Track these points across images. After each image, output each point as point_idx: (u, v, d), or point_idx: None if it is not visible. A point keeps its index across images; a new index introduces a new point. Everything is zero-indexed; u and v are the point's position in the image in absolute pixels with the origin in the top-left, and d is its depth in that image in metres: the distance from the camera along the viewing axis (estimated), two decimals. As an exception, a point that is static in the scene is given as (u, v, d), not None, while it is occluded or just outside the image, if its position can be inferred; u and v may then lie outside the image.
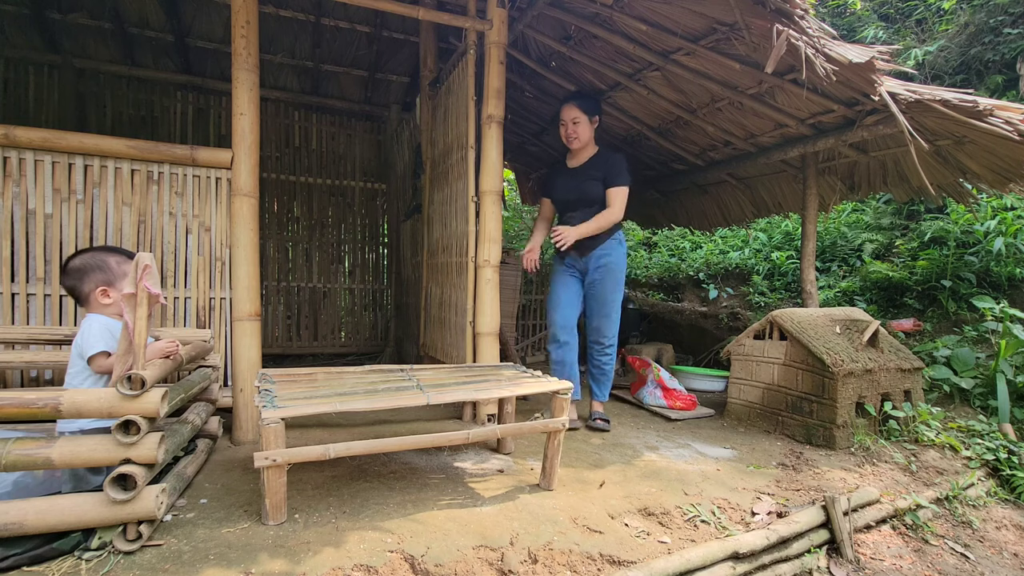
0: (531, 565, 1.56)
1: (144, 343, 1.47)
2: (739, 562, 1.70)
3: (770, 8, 2.16)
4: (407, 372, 2.23)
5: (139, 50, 4.47)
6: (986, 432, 2.73)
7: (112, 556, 1.42)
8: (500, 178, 2.90)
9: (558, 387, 2.05)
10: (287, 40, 4.66)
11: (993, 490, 2.44)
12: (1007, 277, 3.76)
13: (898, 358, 2.88)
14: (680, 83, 3.42)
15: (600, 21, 3.18)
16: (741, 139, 3.73)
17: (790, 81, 2.90)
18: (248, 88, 2.43)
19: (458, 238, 3.05)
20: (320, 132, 5.31)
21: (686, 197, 5.09)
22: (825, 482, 2.28)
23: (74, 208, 2.28)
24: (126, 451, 1.42)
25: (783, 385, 2.94)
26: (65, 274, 1.74)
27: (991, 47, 5.39)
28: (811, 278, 3.49)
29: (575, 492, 2.05)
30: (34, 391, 1.42)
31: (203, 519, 1.67)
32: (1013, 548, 2.12)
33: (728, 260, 6.09)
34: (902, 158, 3.28)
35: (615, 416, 3.26)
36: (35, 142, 2.19)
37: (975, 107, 2.33)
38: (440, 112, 3.52)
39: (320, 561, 1.46)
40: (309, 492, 1.91)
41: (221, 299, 2.53)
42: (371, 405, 1.75)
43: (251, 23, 2.43)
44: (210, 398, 2.27)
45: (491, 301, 2.86)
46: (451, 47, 3.90)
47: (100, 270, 1.73)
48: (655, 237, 7.92)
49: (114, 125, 4.44)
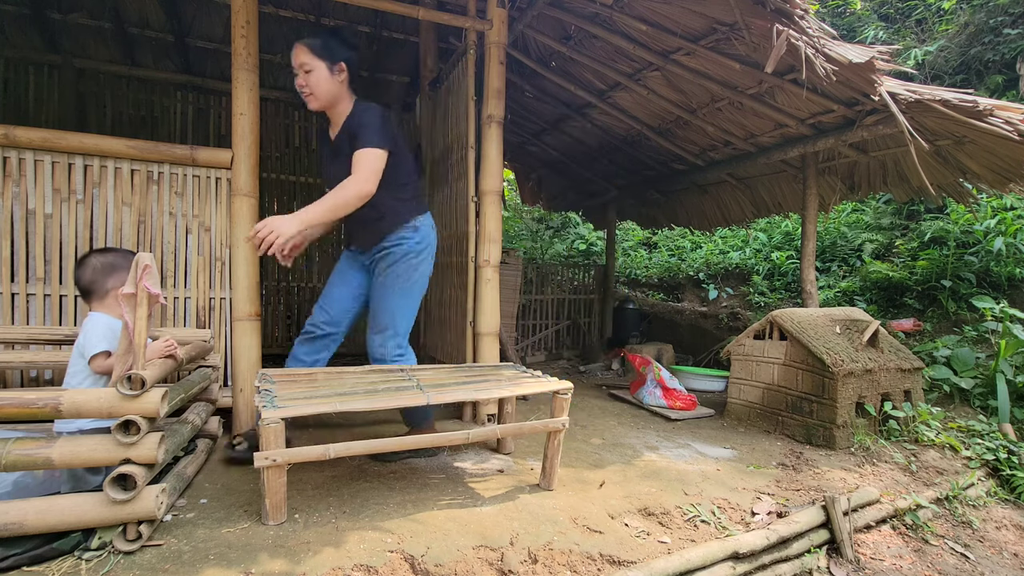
0: (531, 565, 1.56)
1: (144, 343, 1.47)
2: (739, 562, 1.70)
3: (770, 8, 2.16)
4: (407, 372, 2.23)
5: (139, 50, 4.47)
6: (986, 432, 2.73)
7: (112, 556, 1.42)
8: (500, 178, 2.90)
9: (558, 387, 2.05)
10: (287, 40, 4.66)
11: (993, 490, 2.44)
12: (1007, 277, 3.76)
13: (898, 358, 2.88)
14: (680, 83, 3.42)
15: (600, 21, 3.18)
16: (741, 139, 3.73)
17: (790, 81, 2.90)
18: (248, 88, 2.43)
19: (458, 238, 3.05)
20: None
21: (686, 197, 5.09)
22: (825, 482, 2.28)
23: (74, 208, 2.28)
24: (126, 451, 1.42)
25: (783, 385, 2.94)
26: (87, 268, 1.73)
27: (991, 47, 5.39)
28: (811, 278, 3.49)
29: (575, 492, 2.05)
30: (34, 391, 1.42)
31: (203, 519, 1.67)
32: (1013, 548, 2.12)
33: (728, 260, 6.10)
34: (902, 158, 3.28)
35: (615, 416, 3.26)
36: (35, 142, 2.19)
37: (975, 107, 2.33)
38: (440, 112, 3.52)
39: (320, 561, 1.46)
40: (309, 492, 1.91)
41: (221, 299, 2.53)
42: (371, 405, 1.75)
43: (251, 23, 2.43)
44: (210, 398, 2.27)
45: (491, 301, 2.86)
46: (451, 47, 3.90)
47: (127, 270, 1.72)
48: (655, 237, 7.93)
49: (114, 125, 4.43)
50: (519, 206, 9.01)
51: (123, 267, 1.73)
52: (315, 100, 2.18)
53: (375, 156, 2.10)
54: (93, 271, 1.73)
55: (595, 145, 4.97)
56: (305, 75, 2.14)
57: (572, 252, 7.98)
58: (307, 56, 2.12)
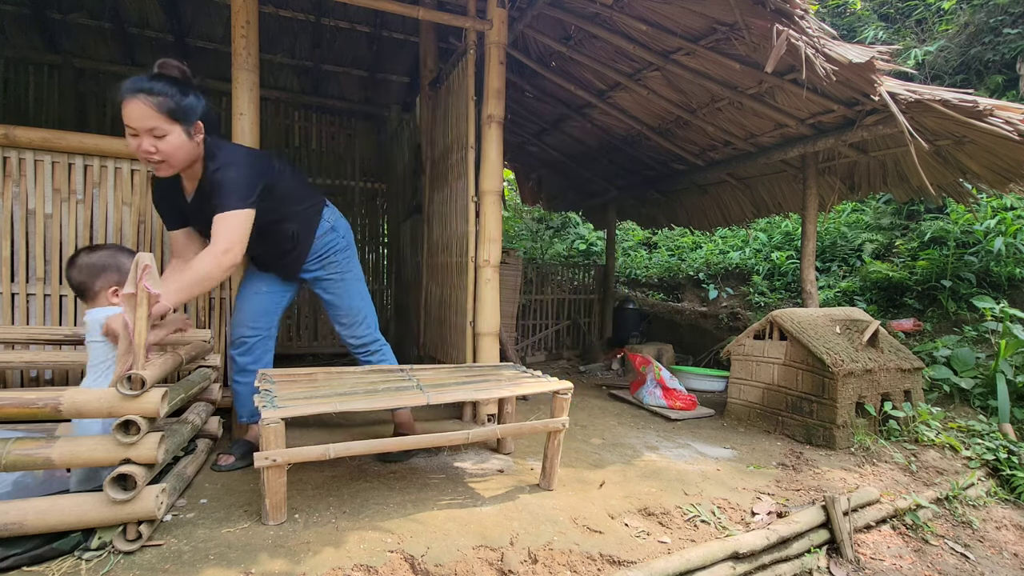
0: (531, 565, 1.56)
1: (144, 343, 1.47)
2: (739, 562, 1.70)
3: (770, 8, 2.16)
4: (407, 372, 2.23)
5: (139, 50, 4.48)
6: (986, 432, 2.73)
7: (112, 556, 1.42)
8: (500, 178, 2.90)
9: (558, 387, 2.05)
10: (287, 40, 4.66)
11: (993, 490, 2.44)
12: (1007, 277, 3.76)
13: (898, 358, 2.88)
14: (680, 83, 3.42)
15: (600, 21, 3.18)
16: (741, 139, 3.73)
17: (790, 81, 2.90)
18: (248, 88, 2.43)
19: (458, 238, 3.05)
20: (320, 132, 5.31)
21: (686, 197, 5.09)
22: (825, 482, 2.28)
23: (74, 208, 2.28)
24: (126, 451, 1.42)
25: (783, 385, 2.94)
26: (75, 269, 1.71)
27: (991, 47, 5.39)
28: (811, 278, 3.49)
29: (575, 492, 2.05)
30: (34, 391, 1.42)
31: (203, 519, 1.67)
32: (1013, 548, 2.12)
33: (728, 260, 6.10)
34: (902, 158, 3.28)
35: (615, 416, 3.26)
36: (35, 142, 2.19)
37: (975, 107, 2.33)
38: (440, 112, 3.52)
39: (320, 561, 1.46)
40: (309, 492, 1.91)
41: (221, 299, 2.53)
42: (371, 405, 1.75)
43: (251, 23, 2.43)
44: (210, 398, 2.27)
45: (491, 301, 2.86)
46: (451, 47, 3.90)
47: (115, 270, 1.71)
48: (655, 237, 7.93)
49: (114, 125, 4.43)
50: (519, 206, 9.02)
51: (111, 267, 1.71)
52: (168, 168, 1.78)
53: (237, 220, 1.79)
54: (79, 272, 1.71)
55: (595, 145, 4.98)
56: (154, 140, 1.70)
57: (572, 252, 7.99)
58: (157, 119, 1.68)
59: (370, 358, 2.39)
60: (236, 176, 1.83)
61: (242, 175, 1.84)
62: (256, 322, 2.20)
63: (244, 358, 2.20)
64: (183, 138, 1.75)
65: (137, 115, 1.68)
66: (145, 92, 1.67)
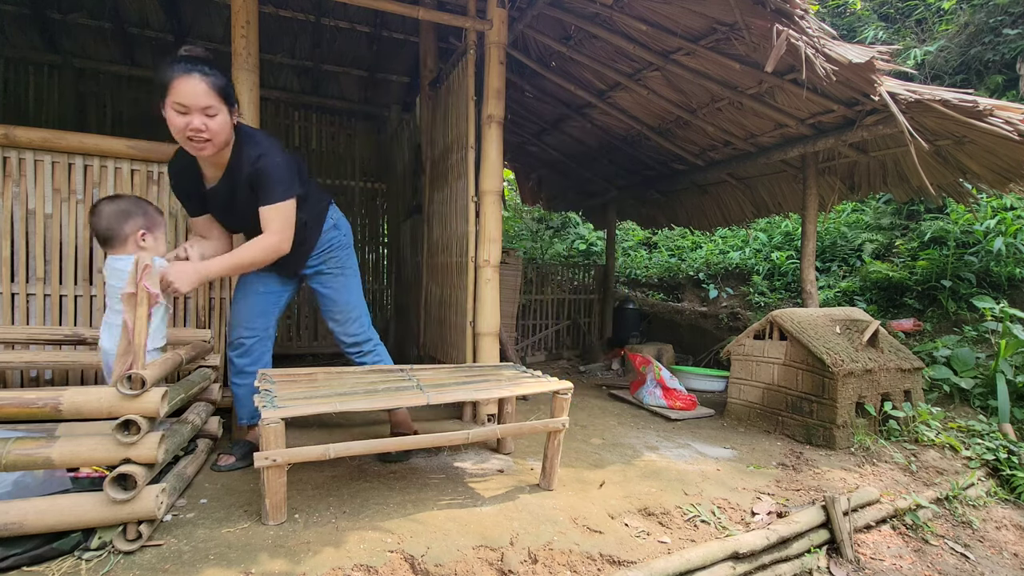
0: (531, 565, 1.56)
1: (144, 343, 1.47)
2: (739, 562, 1.70)
3: (770, 8, 2.16)
4: (407, 372, 2.23)
5: (139, 50, 4.47)
6: (986, 432, 2.73)
7: (112, 556, 1.42)
8: (500, 178, 2.90)
9: (558, 387, 2.05)
10: (287, 40, 4.66)
11: (993, 490, 2.44)
12: (1007, 277, 3.76)
13: (898, 358, 2.88)
14: (680, 83, 3.42)
15: (600, 21, 3.18)
16: (741, 139, 3.73)
17: (790, 81, 2.91)
18: (248, 88, 2.43)
19: (458, 238, 3.05)
20: (320, 132, 5.31)
21: (686, 197, 5.09)
22: (825, 482, 2.28)
23: (74, 208, 2.28)
24: (126, 451, 1.42)
25: (783, 385, 2.94)
26: (100, 217, 1.75)
27: (991, 47, 5.39)
28: (811, 278, 3.49)
29: (575, 492, 2.05)
30: (34, 391, 1.42)
31: (203, 519, 1.67)
32: (1013, 548, 2.12)
33: (728, 260, 6.10)
34: (902, 158, 3.28)
35: (615, 416, 3.26)
36: (35, 142, 2.19)
37: (975, 107, 2.33)
38: (440, 112, 3.52)
39: (320, 561, 1.46)
40: (309, 492, 1.91)
41: (221, 299, 2.53)
42: (371, 405, 1.75)
43: (251, 23, 2.43)
44: (210, 398, 2.27)
45: (491, 301, 2.86)
46: (451, 47, 3.90)
47: (141, 215, 1.80)
48: (655, 237, 7.93)
49: (114, 125, 4.43)
50: (519, 206, 9.02)
51: (137, 212, 1.80)
52: (212, 147, 1.80)
53: (288, 209, 1.91)
54: (106, 219, 1.76)
55: (595, 145, 4.98)
56: (207, 119, 1.74)
57: (572, 252, 7.99)
58: (212, 98, 1.73)
59: (364, 359, 2.39)
60: (281, 163, 1.91)
61: (284, 163, 1.92)
62: (253, 323, 2.21)
63: (242, 360, 2.21)
64: (228, 119, 1.82)
65: (194, 92, 1.70)
66: (201, 71, 1.71)
